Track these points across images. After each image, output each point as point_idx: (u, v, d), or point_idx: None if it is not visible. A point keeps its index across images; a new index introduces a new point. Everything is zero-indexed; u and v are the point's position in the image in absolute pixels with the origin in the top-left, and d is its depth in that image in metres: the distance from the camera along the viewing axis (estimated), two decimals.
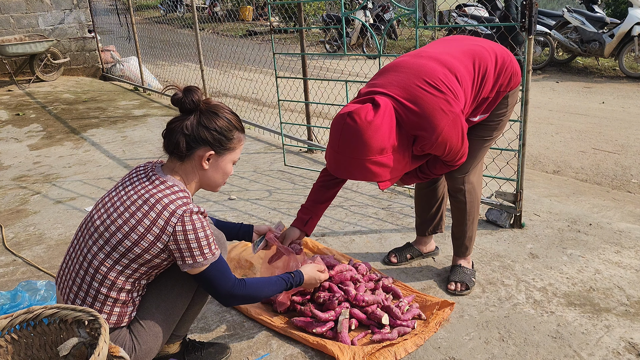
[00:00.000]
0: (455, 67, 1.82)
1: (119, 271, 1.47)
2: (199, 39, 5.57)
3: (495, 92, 1.96)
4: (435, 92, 1.74)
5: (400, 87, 1.77)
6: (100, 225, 1.49)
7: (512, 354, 1.81)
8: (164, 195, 1.47)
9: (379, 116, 1.68)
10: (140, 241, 1.44)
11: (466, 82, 1.84)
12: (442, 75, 1.77)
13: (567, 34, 8.52)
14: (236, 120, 1.61)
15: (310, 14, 14.49)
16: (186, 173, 1.57)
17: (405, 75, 1.79)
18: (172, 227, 1.43)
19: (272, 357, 1.86)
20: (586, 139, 5.06)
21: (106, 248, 1.46)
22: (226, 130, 1.55)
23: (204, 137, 1.52)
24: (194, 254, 1.46)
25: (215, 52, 9.83)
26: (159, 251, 1.46)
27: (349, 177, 1.82)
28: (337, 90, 5.82)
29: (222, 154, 1.57)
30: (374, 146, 1.69)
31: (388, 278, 2.22)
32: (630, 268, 2.32)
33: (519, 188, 2.69)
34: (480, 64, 1.89)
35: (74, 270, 1.52)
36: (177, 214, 1.44)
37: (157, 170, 1.56)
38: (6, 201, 3.51)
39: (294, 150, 4.27)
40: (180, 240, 1.44)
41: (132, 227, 1.44)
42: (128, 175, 1.60)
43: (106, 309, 1.49)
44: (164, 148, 1.57)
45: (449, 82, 1.77)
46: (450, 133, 1.77)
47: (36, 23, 8.09)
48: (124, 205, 1.48)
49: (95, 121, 5.74)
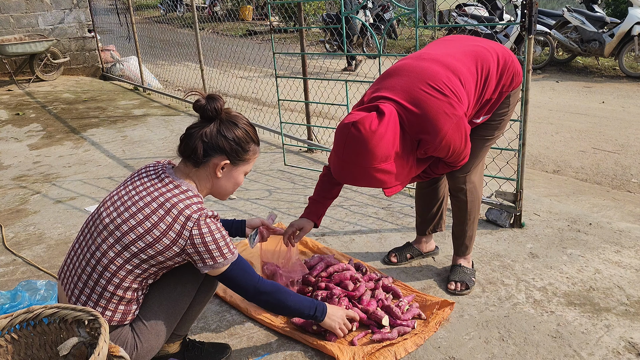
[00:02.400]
0: (458, 69, 1.82)
1: (129, 270, 1.48)
2: (199, 39, 5.57)
3: (497, 93, 1.96)
4: (439, 95, 1.74)
5: (403, 91, 1.77)
6: (110, 223, 1.49)
7: (512, 353, 1.81)
8: (180, 200, 1.48)
9: (383, 125, 1.68)
10: (155, 244, 1.45)
11: (469, 84, 1.84)
12: (445, 78, 1.77)
13: (567, 34, 8.52)
14: (253, 132, 1.64)
15: (310, 14, 14.48)
16: (200, 179, 1.59)
17: (409, 79, 1.79)
18: (189, 232, 1.45)
19: (272, 357, 1.86)
20: (586, 139, 5.06)
21: (117, 247, 1.46)
22: (243, 141, 1.59)
23: (221, 146, 1.55)
24: (214, 255, 1.48)
25: (215, 52, 9.83)
26: (174, 254, 1.48)
27: (354, 184, 1.83)
28: (337, 90, 5.82)
29: (236, 165, 1.60)
30: (379, 155, 1.69)
31: (388, 278, 2.22)
32: (630, 268, 2.32)
33: (519, 188, 2.69)
34: (482, 65, 1.89)
35: (80, 267, 1.52)
36: (193, 218, 1.46)
37: (169, 172, 1.56)
38: (6, 201, 3.51)
39: (293, 150, 4.27)
40: (198, 244, 1.46)
41: (147, 229, 1.45)
42: (137, 174, 1.60)
43: (111, 306, 1.50)
44: (179, 151, 1.59)
45: (452, 85, 1.77)
46: (454, 136, 1.77)
47: (36, 23, 8.09)
48: (137, 206, 1.48)
49: (95, 121, 5.74)
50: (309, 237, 2.67)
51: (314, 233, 2.79)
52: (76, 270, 1.53)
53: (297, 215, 3.02)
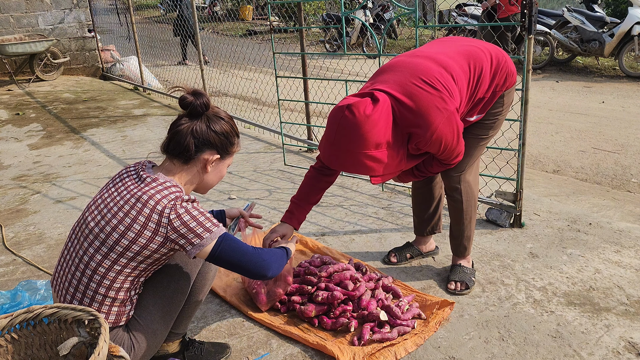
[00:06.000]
0: (450, 66, 1.83)
1: (118, 270, 1.47)
2: (199, 39, 5.57)
3: (491, 92, 1.98)
4: (431, 89, 1.75)
5: (397, 85, 1.78)
6: (95, 226, 1.48)
7: (512, 353, 1.81)
8: (157, 192, 1.48)
9: (377, 111, 1.69)
10: (138, 238, 1.44)
11: (462, 81, 1.85)
12: (437, 73, 1.79)
13: (567, 34, 8.52)
14: (235, 125, 1.66)
15: (310, 14, 14.48)
16: (188, 175, 1.58)
17: (402, 74, 1.81)
18: (167, 218, 1.44)
19: (272, 357, 1.86)
20: (586, 139, 5.06)
21: (103, 249, 1.46)
22: (230, 135, 1.61)
23: (212, 141, 1.56)
24: (197, 232, 1.45)
25: (215, 52, 9.83)
26: (158, 245, 1.46)
27: (342, 169, 1.83)
28: (337, 89, 5.81)
29: (224, 158, 1.62)
30: (370, 140, 1.70)
31: (388, 277, 2.22)
32: (630, 267, 2.32)
33: (519, 187, 2.69)
34: (475, 64, 1.91)
35: (70, 272, 1.52)
36: (169, 205, 1.45)
37: (147, 170, 1.56)
38: (6, 201, 3.51)
39: (293, 150, 4.27)
40: (178, 226, 1.44)
41: (128, 225, 1.44)
42: (118, 175, 1.60)
43: (104, 308, 1.49)
44: (167, 150, 1.57)
45: (445, 80, 1.79)
46: (445, 130, 1.78)
47: (36, 22, 8.09)
48: (118, 205, 1.48)
49: (95, 121, 5.74)
50: (309, 237, 2.68)
51: (313, 233, 2.79)
52: (66, 276, 1.53)
53: None
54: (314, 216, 3.00)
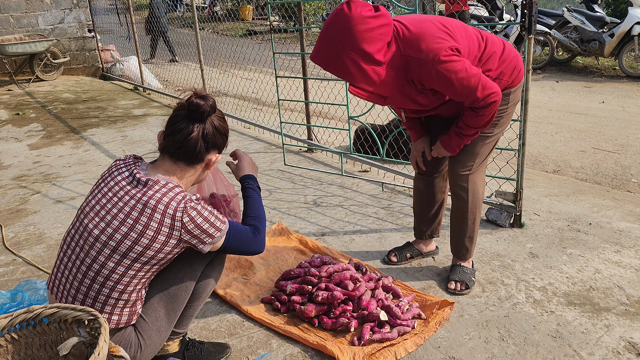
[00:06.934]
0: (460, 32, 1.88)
1: (132, 275, 1.48)
2: (199, 39, 5.57)
3: (497, 74, 1.95)
4: (441, 26, 1.81)
5: (411, 18, 1.85)
6: (101, 234, 1.47)
7: (512, 353, 1.81)
8: (163, 195, 1.48)
9: (376, 19, 1.68)
10: (152, 243, 1.46)
11: (472, 42, 1.89)
12: (448, 24, 1.85)
13: (567, 34, 8.53)
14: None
15: (310, 14, 14.48)
16: (189, 174, 1.60)
17: (420, 16, 1.89)
18: (180, 222, 1.48)
19: (272, 357, 1.86)
20: (586, 139, 5.06)
21: (115, 256, 1.46)
22: (228, 134, 1.68)
23: (218, 143, 1.62)
24: (209, 232, 1.52)
25: (215, 52, 9.83)
26: (173, 247, 1.50)
27: (324, 66, 1.78)
28: (337, 89, 5.82)
29: (219, 156, 1.69)
30: (358, 43, 1.68)
31: (388, 277, 2.22)
32: (630, 267, 2.32)
33: (519, 187, 2.69)
34: (487, 39, 1.94)
35: (76, 279, 1.50)
36: (180, 208, 1.48)
37: (142, 171, 1.56)
38: (6, 201, 3.51)
39: (293, 150, 4.27)
40: (192, 229, 1.49)
41: (141, 232, 1.45)
42: (108, 173, 1.58)
43: (117, 310, 1.50)
44: (170, 153, 1.57)
45: (455, 29, 1.84)
46: (451, 64, 1.74)
47: (36, 22, 8.09)
48: (123, 212, 1.47)
49: (95, 121, 5.74)
50: (309, 237, 2.68)
51: (313, 233, 2.79)
52: (71, 284, 1.51)
53: (297, 215, 3.02)
54: (314, 216, 3.00)
